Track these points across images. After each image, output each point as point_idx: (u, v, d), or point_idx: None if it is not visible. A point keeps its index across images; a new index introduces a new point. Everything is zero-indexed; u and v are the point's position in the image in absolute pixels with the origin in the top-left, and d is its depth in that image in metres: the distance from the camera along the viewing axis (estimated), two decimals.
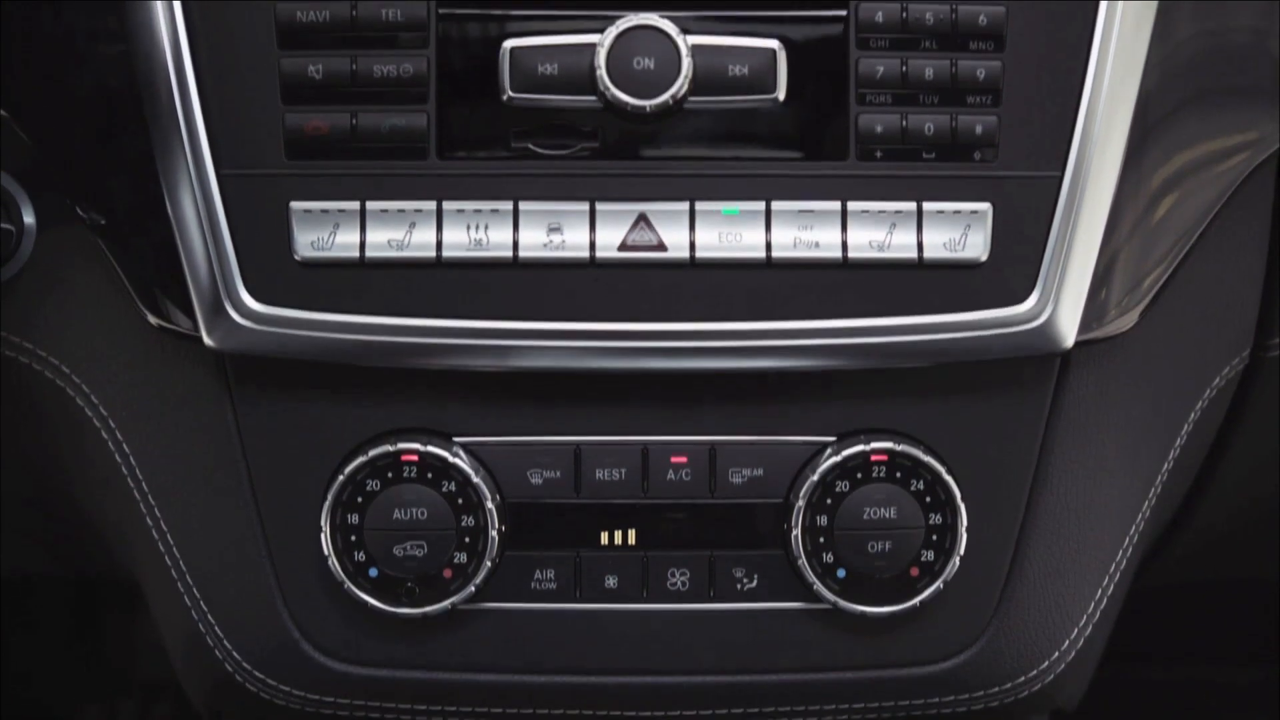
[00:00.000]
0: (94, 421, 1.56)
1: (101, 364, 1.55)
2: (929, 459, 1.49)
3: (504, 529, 1.49)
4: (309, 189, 1.43)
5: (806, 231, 1.44)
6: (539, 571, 1.51)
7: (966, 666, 1.56)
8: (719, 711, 1.57)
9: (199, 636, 1.56)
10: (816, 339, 1.45)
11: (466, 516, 1.48)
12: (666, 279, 1.44)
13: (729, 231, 1.44)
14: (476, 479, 1.47)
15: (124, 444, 1.55)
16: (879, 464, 1.49)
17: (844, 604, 1.49)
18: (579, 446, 1.50)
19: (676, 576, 1.52)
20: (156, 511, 1.55)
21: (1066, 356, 1.51)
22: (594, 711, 1.57)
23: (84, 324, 1.56)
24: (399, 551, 1.47)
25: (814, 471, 1.48)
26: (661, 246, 1.44)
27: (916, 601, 1.50)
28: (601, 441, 1.50)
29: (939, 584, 1.50)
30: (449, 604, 1.49)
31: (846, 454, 1.48)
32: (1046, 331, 1.46)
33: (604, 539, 1.51)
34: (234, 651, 1.56)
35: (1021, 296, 1.45)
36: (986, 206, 1.44)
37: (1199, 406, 1.60)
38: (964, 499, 1.49)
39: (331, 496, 1.48)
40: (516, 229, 1.43)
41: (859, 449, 1.48)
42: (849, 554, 1.49)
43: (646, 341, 1.44)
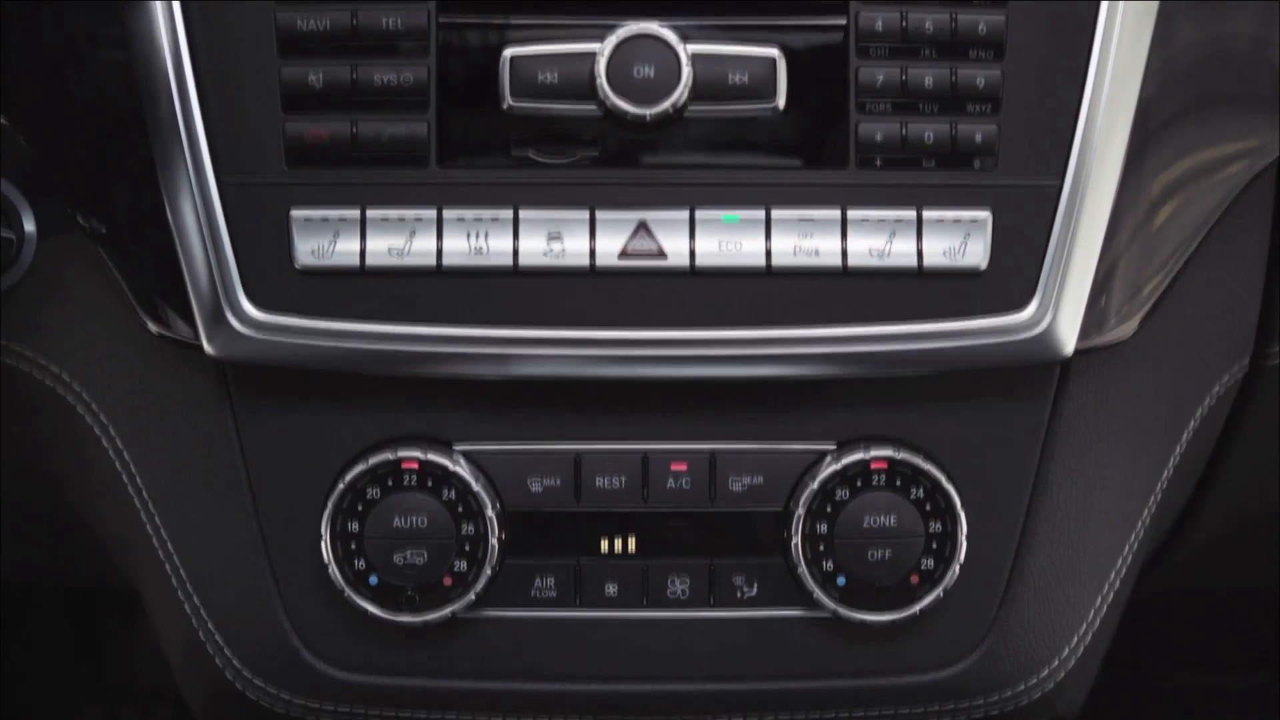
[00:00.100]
0: (94, 429, 1.56)
1: (102, 372, 1.55)
2: (929, 467, 1.49)
3: (504, 536, 1.49)
4: (309, 197, 1.43)
5: (806, 239, 1.44)
6: (539, 579, 1.51)
7: (967, 674, 1.55)
8: (718, 719, 1.57)
9: (199, 643, 1.56)
10: (816, 347, 1.45)
11: (467, 524, 1.48)
12: (666, 287, 1.44)
13: (729, 239, 1.44)
14: (477, 486, 1.47)
15: (124, 451, 1.55)
16: (879, 472, 1.49)
17: (844, 611, 1.49)
18: (579, 454, 1.50)
19: (676, 584, 1.52)
20: (156, 519, 1.55)
21: (1066, 364, 1.51)
22: (594, 719, 1.56)
23: (84, 332, 1.56)
24: (399, 559, 1.47)
25: (814, 479, 1.48)
26: (661, 254, 1.44)
27: (916, 609, 1.50)
28: (602, 449, 1.50)
29: (939, 592, 1.50)
30: (449, 611, 1.49)
31: (846, 462, 1.48)
32: (1046, 339, 1.46)
33: (604, 546, 1.51)
34: (234, 659, 1.56)
35: (1021, 304, 1.45)
36: (986, 214, 1.44)
37: (1199, 414, 1.60)
38: (964, 506, 1.49)
39: (332, 504, 1.48)
40: (517, 237, 1.43)
41: (859, 457, 1.48)
42: (849, 562, 1.49)
43: (646, 349, 1.44)
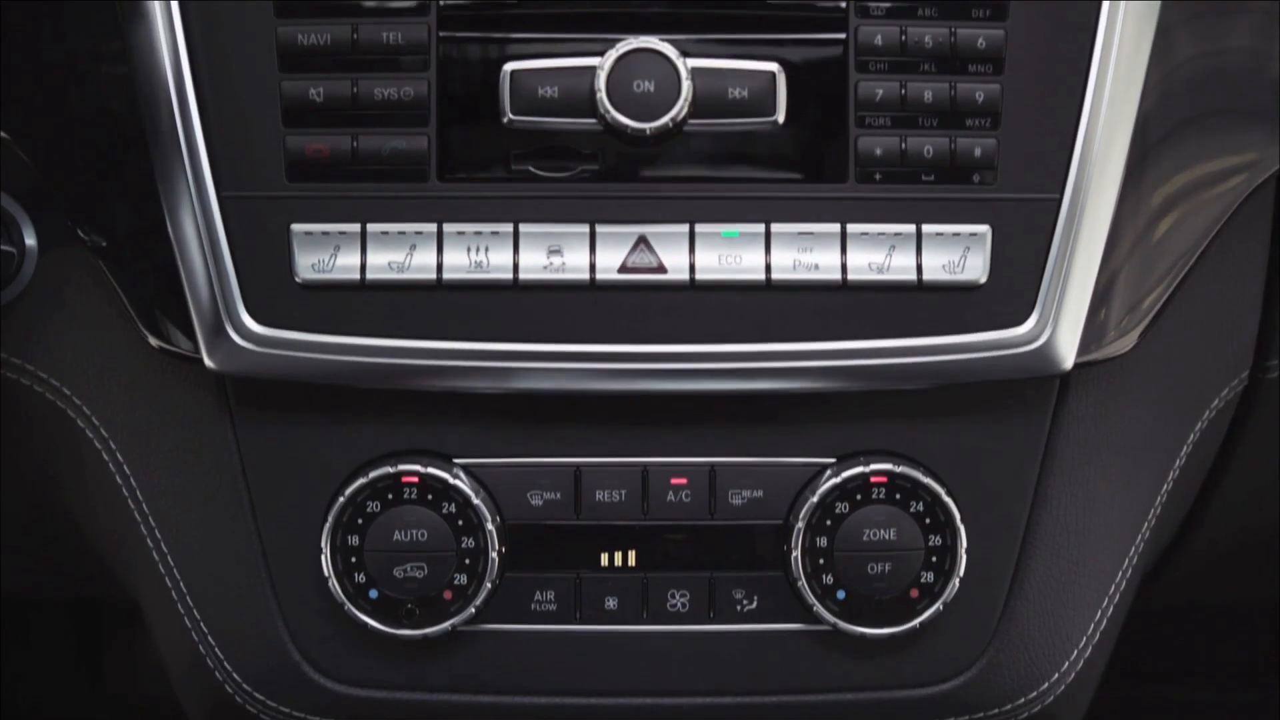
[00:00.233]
0: (94, 443, 1.56)
1: (102, 386, 1.55)
2: (929, 480, 1.49)
3: (504, 550, 1.49)
4: (310, 211, 1.43)
5: (806, 254, 1.44)
6: (539, 593, 1.51)
7: (967, 688, 1.55)
8: None
9: (199, 657, 1.56)
10: (816, 361, 1.45)
11: (467, 538, 1.48)
12: (666, 301, 1.44)
13: (729, 253, 1.44)
14: (477, 500, 1.47)
15: (124, 465, 1.55)
16: (879, 485, 1.49)
17: (844, 625, 1.49)
18: (579, 468, 1.50)
19: (676, 598, 1.51)
20: (156, 532, 1.55)
21: (1066, 378, 1.51)
22: None
23: (85, 345, 1.56)
24: (399, 573, 1.47)
25: (814, 493, 1.48)
26: (661, 268, 1.44)
27: (916, 623, 1.50)
28: (602, 463, 1.50)
29: (939, 605, 1.50)
30: (449, 625, 1.48)
31: (846, 475, 1.48)
32: (1046, 353, 1.46)
33: (604, 560, 1.51)
34: (234, 672, 1.56)
35: (1021, 318, 1.45)
36: (985, 228, 1.44)
37: (1198, 428, 1.60)
38: (964, 520, 1.49)
39: (332, 518, 1.48)
40: (517, 251, 1.44)
41: (859, 470, 1.48)
42: (849, 575, 1.49)
43: (646, 363, 1.45)
